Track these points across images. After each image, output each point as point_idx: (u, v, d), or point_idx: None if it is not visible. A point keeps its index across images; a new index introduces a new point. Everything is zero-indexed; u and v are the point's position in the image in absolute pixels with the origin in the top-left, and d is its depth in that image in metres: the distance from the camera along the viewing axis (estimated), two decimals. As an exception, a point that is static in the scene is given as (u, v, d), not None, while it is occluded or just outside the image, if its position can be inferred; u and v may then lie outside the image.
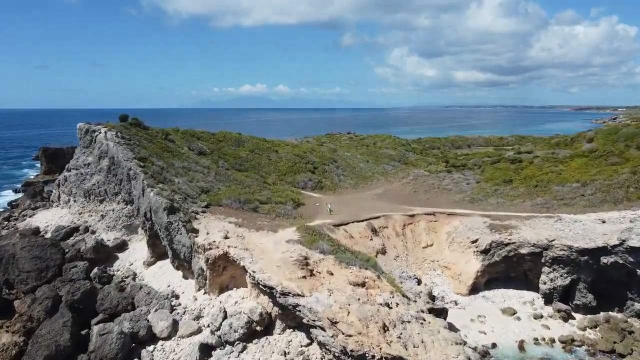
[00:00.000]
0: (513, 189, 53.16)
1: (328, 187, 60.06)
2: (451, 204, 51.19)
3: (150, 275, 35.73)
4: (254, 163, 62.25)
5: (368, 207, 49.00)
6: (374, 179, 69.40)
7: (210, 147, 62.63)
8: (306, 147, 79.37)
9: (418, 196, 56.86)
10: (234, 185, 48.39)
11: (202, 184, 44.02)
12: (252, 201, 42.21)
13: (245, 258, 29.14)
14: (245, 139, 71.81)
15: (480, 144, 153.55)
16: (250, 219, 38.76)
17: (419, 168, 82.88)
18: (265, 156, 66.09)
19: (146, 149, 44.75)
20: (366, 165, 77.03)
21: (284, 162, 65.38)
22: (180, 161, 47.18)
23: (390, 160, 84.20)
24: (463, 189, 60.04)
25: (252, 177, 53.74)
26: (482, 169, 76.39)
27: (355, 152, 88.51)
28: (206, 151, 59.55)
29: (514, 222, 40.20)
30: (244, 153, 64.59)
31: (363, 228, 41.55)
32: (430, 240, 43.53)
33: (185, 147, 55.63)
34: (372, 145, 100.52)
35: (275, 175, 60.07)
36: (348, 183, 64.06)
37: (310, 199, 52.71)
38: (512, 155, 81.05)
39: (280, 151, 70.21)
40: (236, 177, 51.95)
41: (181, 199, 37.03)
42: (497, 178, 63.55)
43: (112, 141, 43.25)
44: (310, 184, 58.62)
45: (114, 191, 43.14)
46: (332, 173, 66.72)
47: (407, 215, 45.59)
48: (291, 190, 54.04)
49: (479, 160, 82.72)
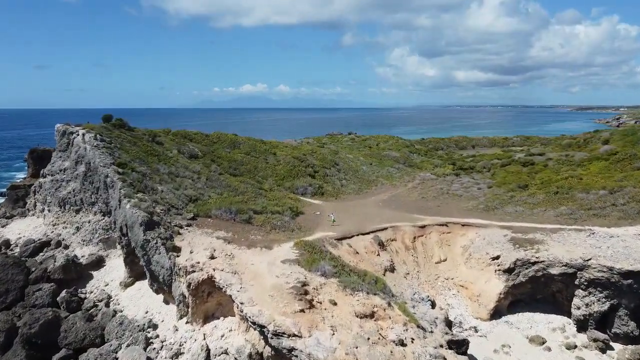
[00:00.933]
0: (531, 196, 48.47)
1: (329, 193, 55.44)
2: (464, 212, 46.56)
3: (127, 298, 31.13)
4: (250, 167, 57.66)
5: (373, 216, 44.42)
6: (378, 183, 64.81)
7: (203, 149, 58.02)
8: (306, 149, 74.79)
9: (427, 203, 52.22)
10: (227, 192, 43.81)
11: (190, 191, 39.41)
12: (246, 211, 37.60)
13: (233, 285, 24.51)
14: (241, 140, 67.23)
15: (484, 145, 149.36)
16: (242, 233, 34.15)
17: (424, 171, 78.29)
18: (262, 159, 61.52)
19: (128, 153, 40.17)
20: (369, 168, 72.44)
21: (282, 165, 60.80)
22: (167, 166, 42.59)
23: (395, 163, 79.59)
24: (475, 195, 55.44)
25: (247, 183, 49.15)
26: (492, 172, 71.83)
27: (357, 154, 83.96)
28: (198, 154, 54.94)
29: (539, 236, 35.55)
30: (240, 156, 60.01)
31: (369, 242, 36.91)
32: (444, 255, 38.89)
33: (175, 150, 51.02)
34: (375, 146, 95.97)
35: (272, 180, 55.48)
36: (351, 188, 59.47)
37: (310, 207, 48.12)
38: (523, 158, 76.43)
39: (278, 153, 65.64)
40: (230, 182, 47.36)
41: (163, 210, 32.44)
42: (510, 182, 58.93)
43: (90, 144, 38.70)
44: (310, 190, 54.00)
45: (91, 200, 38.55)
46: (334, 177, 62.13)
47: (417, 226, 40.92)
48: (289, 197, 49.46)
49: (487, 162, 78.19)
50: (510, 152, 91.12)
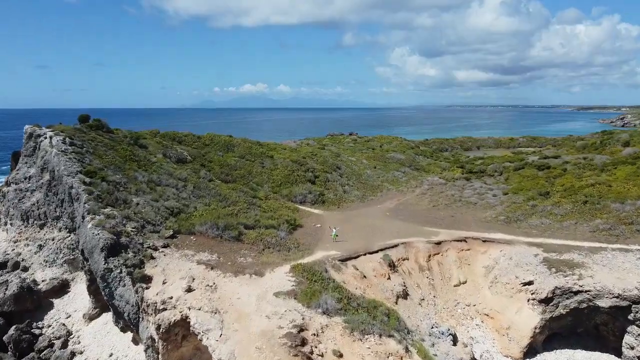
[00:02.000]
0: (556, 205, 43.16)
1: (331, 200, 50.14)
2: (482, 224, 41.29)
3: (90, 335, 25.96)
4: (244, 172, 52.38)
5: (381, 228, 39.17)
6: (383, 189, 59.53)
7: (193, 152, 52.77)
8: (306, 152, 69.52)
9: (439, 212, 46.94)
10: (216, 202, 38.53)
11: (173, 203, 34.14)
12: (235, 226, 32.31)
13: (212, 330, 19.29)
14: (235, 142, 61.96)
15: (490, 146, 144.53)
16: (230, 254, 28.87)
17: (432, 174, 72.98)
18: (258, 163, 56.23)
19: (102, 159, 34.96)
20: (373, 172, 67.17)
21: (280, 170, 55.50)
22: (148, 173, 37.32)
23: (400, 166, 74.28)
24: (491, 203, 50.15)
25: (240, 191, 43.85)
26: (505, 176, 66.57)
27: (360, 157, 78.67)
28: (186, 158, 49.69)
29: (577, 257, 30.27)
30: (233, 160, 54.74)
31: (378, 262, 31.62)
32: (463, 276, 33.62)
33: (160, 154, 45.75)
34: (379, 148, 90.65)
35: (268, 187, 50.20)
36: (354, 195, 54.17)
37: (310, 218, 42.86)
38: (537, 161, 71.04)
39: (275, 157, 60.34)
40: (220, 190, 42.08)
41: (136, 228, 27.23)
42: (528, 189, 53.63)
43: (57, 148, 33.48)
44: (310, 198, 48.70)
45: (55, 214, 33.35)
46: (336, 183, 56.82)
47: (432, 242, 35.64)
48: (287, 206, 44.19)
49: (499, 165, 72.81)
50: (522, 155, 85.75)
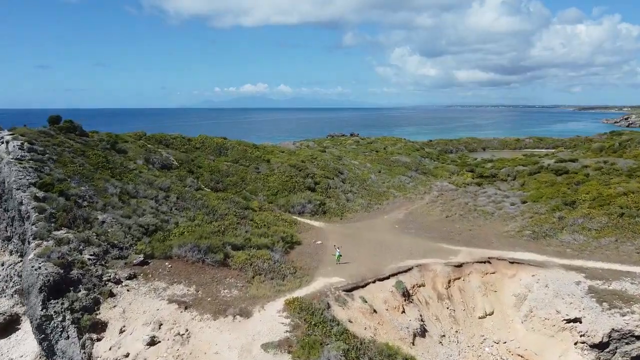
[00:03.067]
0: (587, 218, 37.91)
1: (333, 211, 44.88)
2: (505, 240, 36.09)
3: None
4: (237, 179, 47.16)
5: (390, 246, 34.00)
6: (389, 196, 54.31)
7: (181, 157, 47.56)
8: (305, 155, 64.33)
9: (454, 225, 41.73)
10: (202, 216, 33.31)
11: (149, 218, 28.94)
12: (220, 248, 27.10)
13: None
14: (229, 145, 56.75)
15: (495, 147, 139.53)
16: (211, 285, 23.68)
17: (440, 179, 67.77)
18: (253, 168, 51.01)
19: (66, 167, 29.84)
20: (378, 177, 61.94)
21: (277, 176, 50.27)
22: (122, 183, 32.15)
23: (406, 170, 69.03)
24: (510, 213, 44.95)
25: (231, 201, 38.62)
26: (520, 181, 61.36)
27: (363, 160, 73.45)
28: (172, 164, 44.50)
29: (630, 287, 25.07)
30: (226, 165, 49.53)
31: (390, 292, 26.42)
32: (489, 306, 28.44)
33: (141, 159, 40.55)
34: (382, 150, 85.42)
35: (263, 195, 44.97)
36: (358, 204, 48.93)
37: (309, 232, 37.65)
38: (554, 165, 65.80)
39: (272, 161, 55.14)
40: (208, 201, 36.85)
41: (95, 255, 22.11)
42: (549, 197, 48.47)
43: (13, 155, 28.29)
44: (310, 208, 43.43)
45: (6, 234, 28.16)
46: (338, 190, 51.61)
47: (452, 264, 30.43)
48: (283, 219, 38.94)
49: (511, 169, 67.60)
50: (534, 157, 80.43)
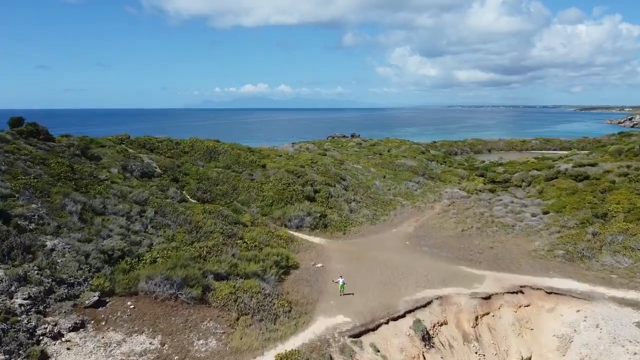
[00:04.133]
0: (628, 234, 32.77)
1: (335, 224, 39.73)
2: (535, 261, 30.97)
3: None
4: (228, 187, 42.05)
5: (402, 269, 28.92)
6: (396, 205, 49.23)
7: (165, 163, 42.48)
8: (304, 159, 59.27)
9: (472, 240, 36.63)
10: (182, 234, 28.23)
11: (115, 241, 23.87)
12: (199, 280, 21.99)
13: None
14: (221, 149, 51.62)
15: (501, 148, 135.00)
16: (183, 334, 18.60)
17: (450, 185, 62.70)
18: (247, 175, 45.89)
19: (17, 180, 24.83)
20: (384, 184, 56.87)
21: (273, 183, 45.17)
22: (88, 197, 27.11)
23: (413, 175, 63.95)
24: (533, 226, 39.89)
25: (218, 215, 33.49)
26: (537, 188, 56.29)
27: (367, 164, 68.39)
28: (154, 171, 39.43)
29: None
30: (216, 171, 44.40)
31: (407, 336, 21.30)
32: (526, 350, 23.33)
33: (117, 167, 35.47)
34: (386, 153, 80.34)
35: (257, 207, 39.83)
36: (363, 215, 43.83)
37: (308, 252, 32.52)
38: (572, 170, 60.71)
39: (269, 166, 50.06)
40: (192, 216, 31.77)
41: (32, 298, 17.09)
42: (573, 206, 43.42)
43: (-50, 166, 23.37)
44: (309, 221, 38.29)
45: None
46: (340, 199, 46.50)
47: (478, 296, 25.32)
48: (278, 235, 33.78)
49: (525, 174, 62.50)
50: (548, 161, 75.23)
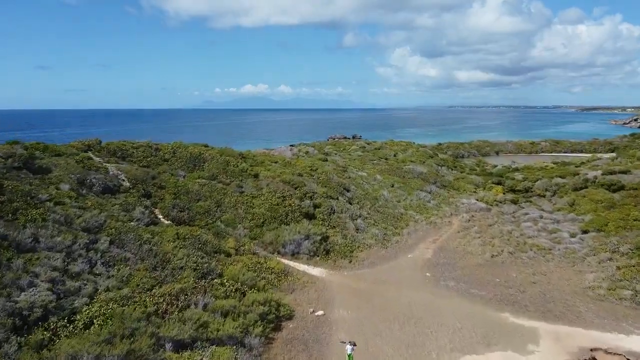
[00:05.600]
0: None
1: (339, 249, 32.69)
2: (596, 305, 23.98)
3: None
4: (211, 203, 35.04)
5: (426, 317, 21.98)
6: (409, 221, 42.29)
7: (137, 174, 35.47)
8: (303, 166, 52.32)
9: (506, 270, 29.67)
10: (142, 273, 21.31)
11: (39, 294, 17.03)
12: (145, 354, 15.23)
13: None
14: (207, 155, 44.52)
15: (510, 150, 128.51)
16: None
17: (465, 194, 55.79)
18: (235, 187, 38.88)
19: None
20: (392, 194, 49.93)
21: (265, 197, 38.14)
22: (13, 227, 20.26)
23: (424, 183, 57.01)
24: (575, 250, 33.00)
25: (195, 243, 26.51)
26: (565, 199, 49.35)
27: (372, 170, 61.44)
28: (121, 185, 32.47)
29: None
30: (199, 183, 37.39)
31: None
32: None
33: (71, 181, 28.55)
34: (393, 158, 73.38)
35: (244, 227, 32.80)
36: (371, 235, 36.84)
37: (306, 292, 25.47)
38: (603, 178, 53.66)
39: (262, 175, 43.10)
40: (160, 245, 24.80)
41: None
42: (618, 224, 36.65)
43: None
44: (307, 246, 31.27)
45: None
46: (344, 215, 39.51)
47: (538, 366, 18.48)
48: (268, 268, 26.75)
49: (548, 182, 55.56)
50: (569, 166, 68.11)
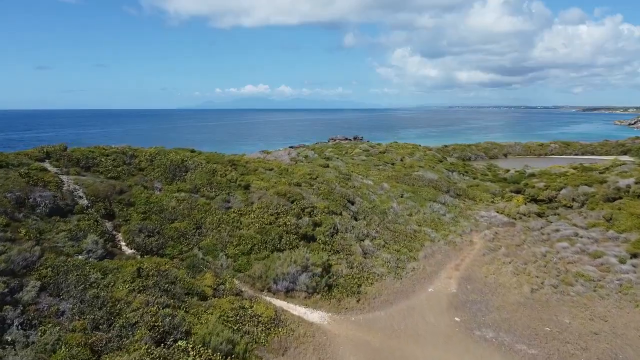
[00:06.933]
0: None
1: (344, 283, 26.32)
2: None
3: None
4: (189, 224, 28.67)
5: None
6: (424, 240, 35.98)
7: (100, 189, 29.12)
8: (302, 173, 46.07)
9: (555, 314, 23.37)
10: (74, 341, 15.15)
11: None
12: None
13: None
14: (191, 163, 38.07)
15: (518, 153, 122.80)
16: None
17: (483, 204, 49.54)
18: (221, 201, 32.52)
19: None
20: (402, 206, 43.64)
21: (256, 213, 31.78)
22: None
23: (436, 192, 50.69)
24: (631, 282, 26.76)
25: (160, 283, 20.26)
26: (598, 211, 43.15)
27: (378, 177, 55.20)
28: (76, 204, 26.18)
29: None
30: (176, 198, 31.02)
31: None
32: None
33: (6, 201, 22.30)
34: (399, 163, 67.14)
35: (227, 258, 26.50)
36: (382, 261, 30.54)
37: (301, 353, 19.21)
38: (638, 187, 47.57)
39: (254, 186, 36.77)
40: (111, 288, 18.58)
41: None
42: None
43: None
44: (305, 281, 24.95)
45: None
46: (349, 235, 33.15)
47: None
48: (254, 317, 20.32)
49: (574, 190, 49.41)
50: (593, 172, 61.66)
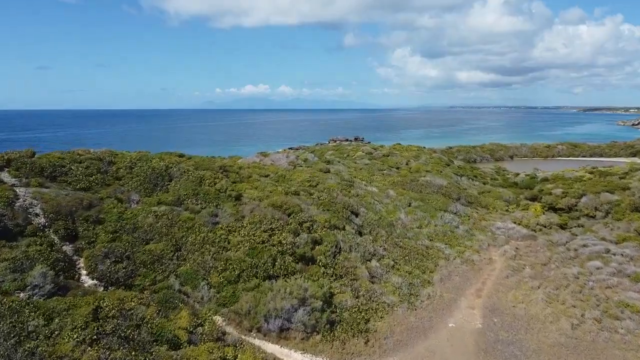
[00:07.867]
0: None
1: (349, 318, 21.93)
2: None
3: None
4: (167, 246, 24.29)
5: None
6: (438, 258, 31.66)
7: (63, 203, 24.70)
8: (301, 180, 41.83)
9: (602, 357, 19.22)
10: None
11: None
12: None
13: None
14: (176, 170, 33.58)
15: (525, 155, 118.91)
16: None
17: (497, 214, 45.24)
18: (207, 215, 28.08)
19: None
20: (411, 215, 39.34)
21: (247, 231, 27.35)
22: None
23: (446, 200, 46.36)
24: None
25: (120, 326, 15.99)
26: (628, 222, 38.97)
27: (383, 183, 50.95)
28: (28, 224, 21.83)
29: None
30: (154, 213, 26.58)
31: None
32: None
33: None
34: (405, 167, 62.85)
35: (209, 288, 22.14)
36: (392, 286, 26.18)
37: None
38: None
39: (246, 196, 32.38)
40: (54, 339, 14.35)
41: None
42: None
43: None
44: (303, 318, 20.56)
45: None
46: (354, 255, 28.79)
47: None
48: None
49: (595, 198, 45.19)
50: (612, 177, 57.32)
